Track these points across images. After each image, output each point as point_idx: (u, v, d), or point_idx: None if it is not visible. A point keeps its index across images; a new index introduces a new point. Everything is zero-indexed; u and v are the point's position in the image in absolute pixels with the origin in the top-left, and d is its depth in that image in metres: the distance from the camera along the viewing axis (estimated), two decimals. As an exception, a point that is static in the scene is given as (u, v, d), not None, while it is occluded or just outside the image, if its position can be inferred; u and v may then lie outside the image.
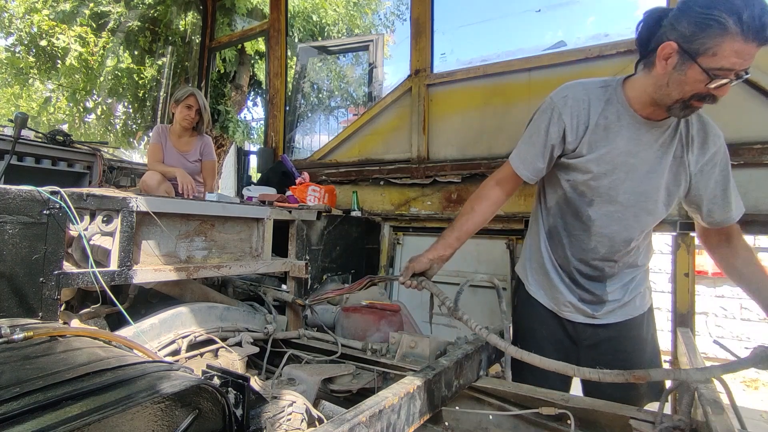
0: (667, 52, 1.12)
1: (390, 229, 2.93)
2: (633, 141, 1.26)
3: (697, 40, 1.05)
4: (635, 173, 1.28)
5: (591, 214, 1.35)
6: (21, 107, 8.42)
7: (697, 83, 1.08)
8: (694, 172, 1.28)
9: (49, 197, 1.14)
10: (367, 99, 5.64)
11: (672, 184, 1.29)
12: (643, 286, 1.47)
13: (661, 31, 1.15)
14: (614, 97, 1.30)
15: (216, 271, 1.64)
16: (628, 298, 1.44)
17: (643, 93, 1.24)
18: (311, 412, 1.05)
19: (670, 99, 1.16)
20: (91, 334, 0.93)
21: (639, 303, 1.46)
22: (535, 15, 23.95)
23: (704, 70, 1.06)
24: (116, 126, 8.09)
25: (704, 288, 5.87)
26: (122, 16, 6.54)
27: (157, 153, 3.02)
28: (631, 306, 1.45)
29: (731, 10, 1.00)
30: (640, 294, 1.46)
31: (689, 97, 1.12)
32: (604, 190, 1.31)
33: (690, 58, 1.07)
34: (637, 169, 1.28)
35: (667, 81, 1.14)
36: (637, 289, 1.45)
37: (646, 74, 1.23)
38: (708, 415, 0.89)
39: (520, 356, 1.13)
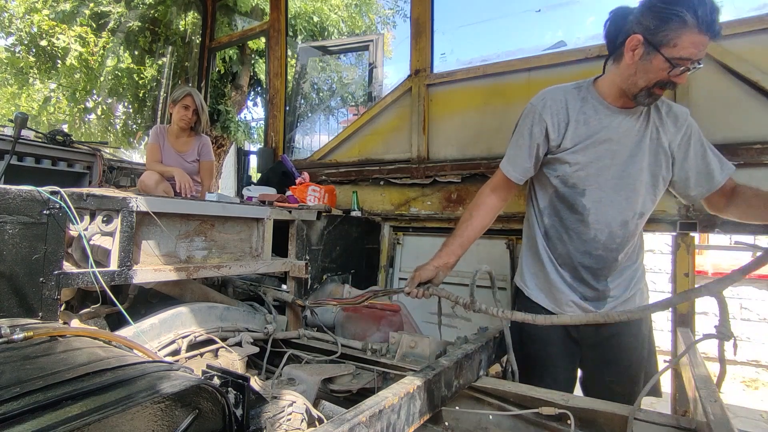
0: (634, 43, 1.26)
1: (390, 229, 2.93)
2: (612, 129, 1.38)
3: (660, 33, 1.20)
4: (618, 158, 1.38)
5: (585, 203, 1.42)
6: (21, 107, 8.42)
7: (660, 71, 1.23)
8: (674, 150, 1.40)
9: (49, 197, 1.14)
10: (367, 99, 5.64)
11: (654, 164, 1.40)
12: (642, 282, 1.51)
13: (628, 26, 1.29)
14: (588, 95, 1.43)
15: (216, 271, 1.64)
16: (629, 294, 1.47)
17: (613, 85, 1.38)
18: (311, 412, 1.05)
19: (636, 87, 1.30)
20: (91, 334, 0.93)
21: (639, 300, 1.49)
22: (535, 15, 23.86)
23: (667, 59, 1.20)
24: (116, 126, 8.10)
25: (704, 288, 5.87)
26: (122, 16, 6.55)
27: (155, 153, 3.02)
28: (631, 303, 1.47)
29: (689, 6, 1.14)
30: (639, 291, 1.50)
31: (653, 84, 1.26)
32: (593, 178, 1.40)
33: (654, 48, 1.22)
34: (619, 155, 1.38)
35: (635, 70, 1.28)
36: (636, 286, 1.49)
37: (615, 68, 1.37)
38: (708, 415, 0.89)
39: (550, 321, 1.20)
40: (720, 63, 1.99)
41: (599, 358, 1.51)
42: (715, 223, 1.96)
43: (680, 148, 1.40)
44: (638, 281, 1.50)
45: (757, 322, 5.66)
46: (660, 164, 1.40)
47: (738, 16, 2.00)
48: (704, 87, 2.04)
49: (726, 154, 1.93)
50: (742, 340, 5.70)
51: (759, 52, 1.93)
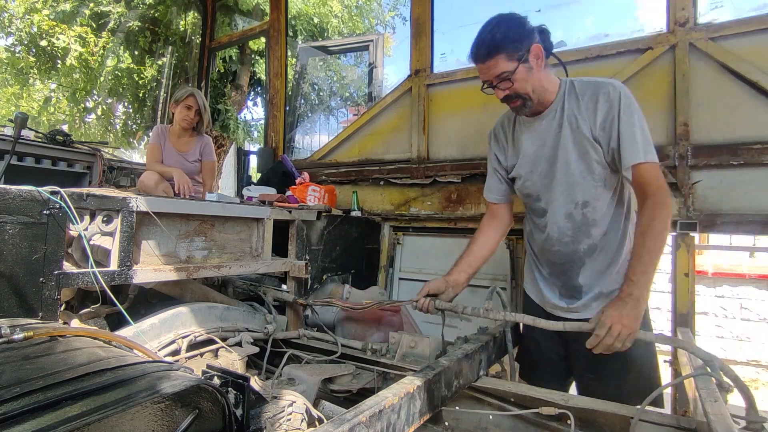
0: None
1: (390, 229, 2.93)
2: (534, 136, 1.53)
3: None
4: (548, 160, 1.50)
5: (542, 206, 1.56)
6: (21, 107, 8.42)
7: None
8: (598, 132, 1.42)
9: (49, 197, 1.14)
10: (367, 99, 5.64)
11: (581, 153, 1.45)
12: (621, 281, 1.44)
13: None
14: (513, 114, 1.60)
15: (216, 271, 1.64)
16: (606, 290, 1.46)
17: None
18: (311, 412, 1.05)
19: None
20: (91, 334, 0.93)
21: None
22: (535, 15, 23.60)
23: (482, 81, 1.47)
24: (116, 126, 8.09)
25: (704, 288, 5.87)
26: (122, 16, 6.54)
27: (155, 153, 3.02)
28: (610, 299, 1.43)
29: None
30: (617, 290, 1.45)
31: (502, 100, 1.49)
32: (539, 185, 1.54)
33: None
34: (547, 157, 1.50)
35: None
36: (617, 281, 1.43)
37: None
38: (708, 415, 0.89)
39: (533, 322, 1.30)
40: (720, 63, 2.00)
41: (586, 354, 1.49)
42: (715, 223, 1.97)
43: (604, 130, 1.40)
44: (618, 276, 1.45)
45: (757, 322, 5.66)
46: (587, 150, 1.43)
47: (738, 16, 2.00)
48: (704, 87, 2.04)
49: (726, 154, 1.95)
50: (742, 340, 5.70)
51: (759, 52, 1.93)
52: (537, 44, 1.40)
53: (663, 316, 6.03)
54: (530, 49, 1.39)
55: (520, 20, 1.42)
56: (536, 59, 1.41)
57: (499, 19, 1.42)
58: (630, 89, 2.25)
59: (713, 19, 2.07)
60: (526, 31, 1.40)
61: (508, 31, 1.39)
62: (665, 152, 2.07)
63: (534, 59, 1.41)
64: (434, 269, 2.75)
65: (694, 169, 2.02)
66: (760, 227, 1.90)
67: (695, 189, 2.02)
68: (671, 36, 2.11)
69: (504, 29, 1.39)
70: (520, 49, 1.38)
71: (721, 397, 0.97)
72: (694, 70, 2.05)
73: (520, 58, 1.39)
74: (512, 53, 1.38)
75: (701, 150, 2.00)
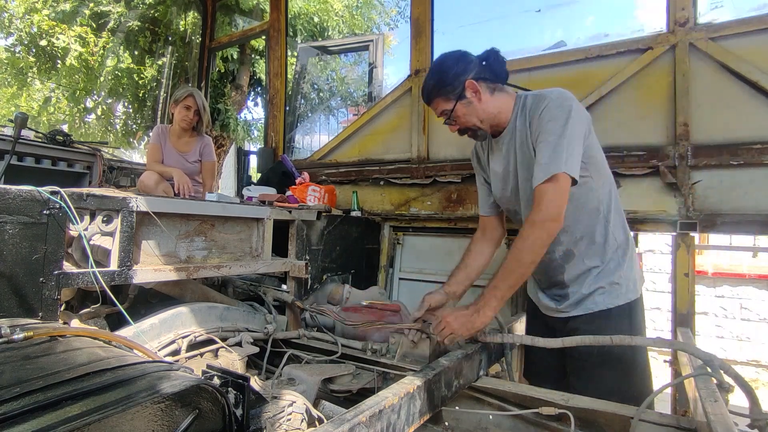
0: None
1: (390, 229, 2.93)
2: (500, 155, 1.58)
3: None
4: (513, 176, 1.54)
5: (520, 218, 1.59)
6: (21, 107, 8.42)
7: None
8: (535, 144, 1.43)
9: (49, 197, 1.14)
10: (367, 99, 5.64)
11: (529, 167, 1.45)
12: (604, 282, 1.47)
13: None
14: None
15: (216, 271, 1.64)
16: (587, 291, 1.48)
17: None
18: (311, 412, 1.05)
19: None
20: (91, 334, 0.93)
21: (600, 299, 1.47)
22: (535, 15, 23.75)
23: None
24: (116, 126, 8.09)
25: (704, 288, 5.87)
26: (122, 16, 6.54)
27: (155, 153, 3.02)
28: (590, 301, 1.48)
29: None
30: (601, 290, 1.47)
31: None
32: (513, 200, 1.58)
33: None
34: (512, 173, 1.54)
35: None
36: (595, 284, 1.47)
37: None
38: (708, 415, 0.89)
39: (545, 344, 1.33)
40: (720, 63, 2.00)
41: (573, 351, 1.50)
42: (715, 223, 1.97)
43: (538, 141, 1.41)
44: (597, 280, 1.47)
45: (757, 322, 5.66)
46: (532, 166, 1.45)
47: (738, 16, 2.00)
48: (704, 87, 2.04)
49: (726, 154, 1.95)
50: (742, 340, 5.70)
51: (759, 52, 1.93)
52: (470, 80, 1.45)
53: (663, 316, 6.03)
54: (465, 86, 1.46)
55: (454, 60, 1.49)
56: (474, 93, 1.47)
57: (434, 65, 1.56)
58: (630, 89, 2.27)
59: (713, 19, 2.07)
60: (460, 70, 1.47)
61: (440, 75, 1.50)
62: (665, 152, 2.07)
63: (471, 94, 1.47)
64: (434, 269, 2.75)
65: (694, 169, 2.02)
66: (760, 227, 1.90)
67: (695, 189, 2.02)
68: (671, 36, 2.11)
69: (436, 75, 1.51)
70: (455, 89, 1.47)
71: (721, 397, 0.97)
72: (694, 70, 2.05)
73: (456, 96, 1.47)
74: (447, 94, 1.49)
75: (701, 150, 2.00)
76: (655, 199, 2.10)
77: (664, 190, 2.08)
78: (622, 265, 1.49)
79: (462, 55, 1.51)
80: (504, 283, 1.31)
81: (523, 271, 1.31)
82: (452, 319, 1.32)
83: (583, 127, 1.39)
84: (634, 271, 1.52)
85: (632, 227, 2.18)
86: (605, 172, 1.51)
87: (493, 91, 1.50)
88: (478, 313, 1.31)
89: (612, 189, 1.52)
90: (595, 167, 1.46)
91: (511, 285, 1.31)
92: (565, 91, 1.43)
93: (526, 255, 1.29)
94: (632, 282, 1.49)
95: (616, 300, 1.46)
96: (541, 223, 1.29)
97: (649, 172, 2.11)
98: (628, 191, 2.16)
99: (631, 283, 1.49)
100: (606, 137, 2.26)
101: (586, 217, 1.47)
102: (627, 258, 1.50)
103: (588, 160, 1.42)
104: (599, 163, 1.48)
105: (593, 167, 1.45)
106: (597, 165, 1.47)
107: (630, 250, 1.52)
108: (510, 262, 1.31)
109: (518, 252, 1.30)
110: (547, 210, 1.30)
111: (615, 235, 1.49)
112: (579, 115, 1.38)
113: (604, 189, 1.49)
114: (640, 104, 2.19)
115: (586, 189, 1.45)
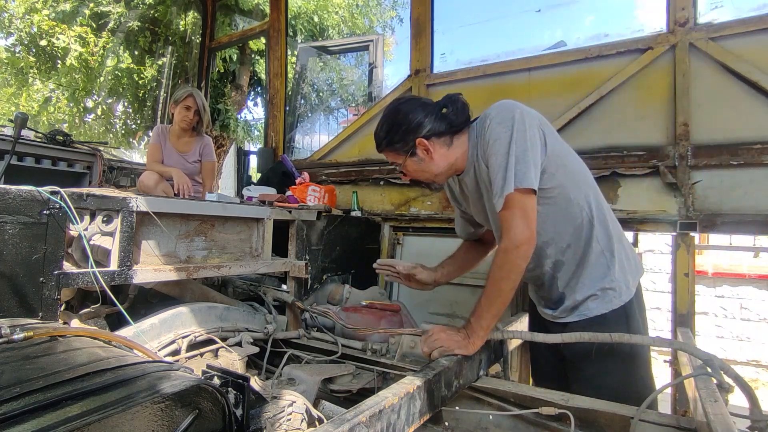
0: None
1: (390, 229, 2.93)
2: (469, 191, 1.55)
3: None
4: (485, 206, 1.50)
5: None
6: (21, 107, 8.41)
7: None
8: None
9: (49, 197, 1.14)
10: (367, 99, 5.64)
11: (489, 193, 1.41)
12: (595, 288, 1.44)
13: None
14: None
15: (216, 271, 1.64)
16: (580, 297, 1.45)
17: None
18: (311, 412, 1.05)
19: None
20: (91, 334, 0.93)
21: (593, 305, 1.44)
22: (535, 15, 23.77)
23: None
24: (116, 126, 8.09)
25: (704, 288, 5.87)
26: (122, 16, 6.54)
27: (155, 153, 3.02)
28: (584, 307, 1.45)
29: None
30: (593, 297, 1.44)
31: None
32: (495, 226, 1.52)
33: None
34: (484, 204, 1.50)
35: None
36: (587, 291, 1.44)
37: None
38: (708, 415, 0.89)
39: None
40: (720, 63, 2.00)
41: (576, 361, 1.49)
42: (715, 223, 1.97)
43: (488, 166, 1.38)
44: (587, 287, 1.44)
45: (757, 322, 5.66)
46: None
47: (738, 16, 2.00)
48: (704, 87, 2.04)
49: (726, 154, 1.95)
50: (742, 340, 5.70)
51: (759, 52, 1.93)
52: (420, 139, 1.39)
53: (663, 316, 6.03)
54: (415, 144, 1.40)
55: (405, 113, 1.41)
56: (425, 152, 1.41)
57: (385, 114, 1.46)
58: (630, 89, 2.27)
59: (713, 19, 2.07)
60: (412, 126, 1.40)
61: (390, 129, 1.43)
62: (665, 152, 2.07)
63: (423, 152, 1.41)
64: (434, 269, 2.75)
65: (694, 169, 2.02)
66: (760, 227, 1.90)
67: (695, 189, 2.02)
68: (671, 36, 2.11)
69: (387, 128, 1.43)
70: (406, 145, 1.41)
71: (721, 397, 0.97)
72: (694, 70, 2.05)
73: (406, 152, 1.42)
74: (397, 150, 1.43)
75: (701, 150, 2.00)
76: (655, 199, 2.10)
77: (664, 190, 2.08)
78: (611, 268, 1.44)
79: (417, 107, 1.44)
80: (488, 313, 1.30)
81: (504, 298, 1.29)
82: (445, 336, 1.31)
83: (534, 132, 1.32)
84: (625, 271, 1.46)
85: (632, 227, 2.19)
86: (581, 178, 1.45)
87: (452, 141, 1.44)
88: (468, 340, 1.31)
89: (592, 193, 1.46)
90: (568, 176, 1.41)
91: (495, 314, 1.30)
92: (506, 102, 1.38)
93: (504, 283, 1.28)
94: (624, 283, 1.44)
95: (610, 305, 1.43)
96: (512, 250, 1.27)
97: (649, 172, 2.10)
98: (628, 191, 2.16)
99: (623, 284, 1.44)
100: (606, 137, 2.26)
101: (569, 226, 1.44)
102: (615, 260, 1.44)
103: (557, 169, 1.37)
104: (573, 170, 1.43)
105: (566, 176, 1.40)
106: (570, 173, 1.42)
107: (617, 250, 1.45)
108: (490, 292, 1.29)
109: (496, 282, 1.28)
110: (514, 236, 1.27)
111: (599, 239, 1.44)
112: (525, 124, 1.32)
113: (583, 195, 1.43)
114: (640, 104, 2.19)
115: (563, 200, 1.41)
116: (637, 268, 1.52)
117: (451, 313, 2.53)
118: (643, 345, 1.42)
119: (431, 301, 2.74)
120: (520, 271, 1.28)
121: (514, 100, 1.39)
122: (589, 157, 2.23)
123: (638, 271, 1.52)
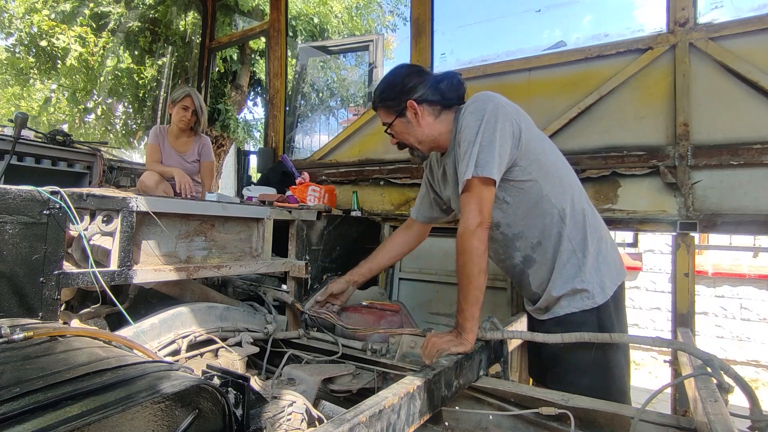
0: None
1: (390, 229, 2.93)
2: (449, 174, 1.57)
3: None
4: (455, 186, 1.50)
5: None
6: (21, 107, 8.41)
7: None
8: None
9: (49, 197, 1.14)
10: (367, 99, 5.64)
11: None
12: (567, 288, 1.43)
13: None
14: None
15: (216, 271, 1.64)
16: (556, 294, 1.46)
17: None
18: (311, 412, 1.05)
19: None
20: (91, 334, 0.93)
21: (565, 304, 1.45)
22: (535, 15, 23.77)
23: None
24: (116, 126, 8.09)
25: (704, 288, 5.87)
26: (122, 16, 6.54)
27: (155, 153, 3.02)
28: (557, 306, 1.47)
29: None
30: (565, 296, 1.44)
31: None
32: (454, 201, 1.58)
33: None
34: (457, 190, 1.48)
35: None
36: (560, 289, 1.44)
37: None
38: (708, 415, 0.89)
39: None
40: (720, 63, 2.00)
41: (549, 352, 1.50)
42: (715, 223, 1.97)
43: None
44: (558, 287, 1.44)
45: (757, 322, 5.66)
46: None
47: (738, 16, 2.00)
48: (704, 87, 2.04)
49: (726, 154, 1.95)
50: (742, 340, 5.70)
51: (759, 52, 1.93)
52: (412, 101, 1.46)
53: (663, 316, 6.03)
54: (406, 105, 1.47)
55: (403, 75, 1.50)
56: (414, 114, 1.47)
57: (387, 74, 1.56)
58: (630, 89, 2.27)
59: (713, 19, 2.07)
60: (406, 87, 1.47)
61: (385, 88, 1.52)
62: (665, 152, 2.07)
63: (411, 114, 1.48)
64: (434, 269, 2.75)
65: (694, 169, 2.02)
66: (760, 227, 1.90)
67: (695, 189, 2.02)
68: (671, 36, 2.11)
69: (383, 86, 1.53)
70: (397, 105, 1.48)
71: (721, 397, 0.97)
72: (694, 70, 2.06)
73: (396, 113, 1.50)
74: (388, 108, 1.51)
75: (701, 150, 2.00)
76: (655, 199, 2.10)
77: (664, 190, 2.08)
78: (581, 268, 1.42)
79: (414, 72, 1.51)
80: (466, 303, 1.31)
81: (476, 283, 1.30)
82: (438, 339, 1.32)
83: (504, 126, 1.34)
84: (601, 273, 1.43)
85: (632, 227, 2.19)
86: (558, 174, 1.45)
87: (440, 113, 1.50)
88: (460, 337, 1.32)
89: (570, 192, 1.45)
90: (541, 171, 1.41)
91: (474, 302, 1.31)
92: (483, 93, 1.43)
93: (469, 267, 1.30)
94: (599, 285, 1.42)
95: (581, 305, 1.42)
96: (468, 234, 1.30)
97: (649, 172, 2.11)
98: (628, 191, 2.16)
99: (597, 286, 1.42)
100: (606, 137, 2.26)
101: (539, 221, 1.43)
102: (588, 261, 1.42)
103: (530, 164, 1.39)
104: (549, 167, 1.43)
105: (540, 172, 1.41)
106: (544, 168, 1.42)
107: (593, 251, 1.43)
108: (462, 281, 1.31)
109: (462, 268, 1.31)
110: (467, 220, 1.31)
111: (570, 239, 1.43)
112: (496, 117, 1.34)
113: (558, 193, 1.43)
114: (640, 104, 2.19)
115: (535, 195, 1.42)
116: (618, 272, 1.49)
117: (451, 312, 2.52)
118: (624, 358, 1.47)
119: (431, 301, 2.74)
120: (480, 254, 1.30)
121: (494, 93, 1.44)
122: (589, 157, 2.24)
123: (619, 274, 1.49)
